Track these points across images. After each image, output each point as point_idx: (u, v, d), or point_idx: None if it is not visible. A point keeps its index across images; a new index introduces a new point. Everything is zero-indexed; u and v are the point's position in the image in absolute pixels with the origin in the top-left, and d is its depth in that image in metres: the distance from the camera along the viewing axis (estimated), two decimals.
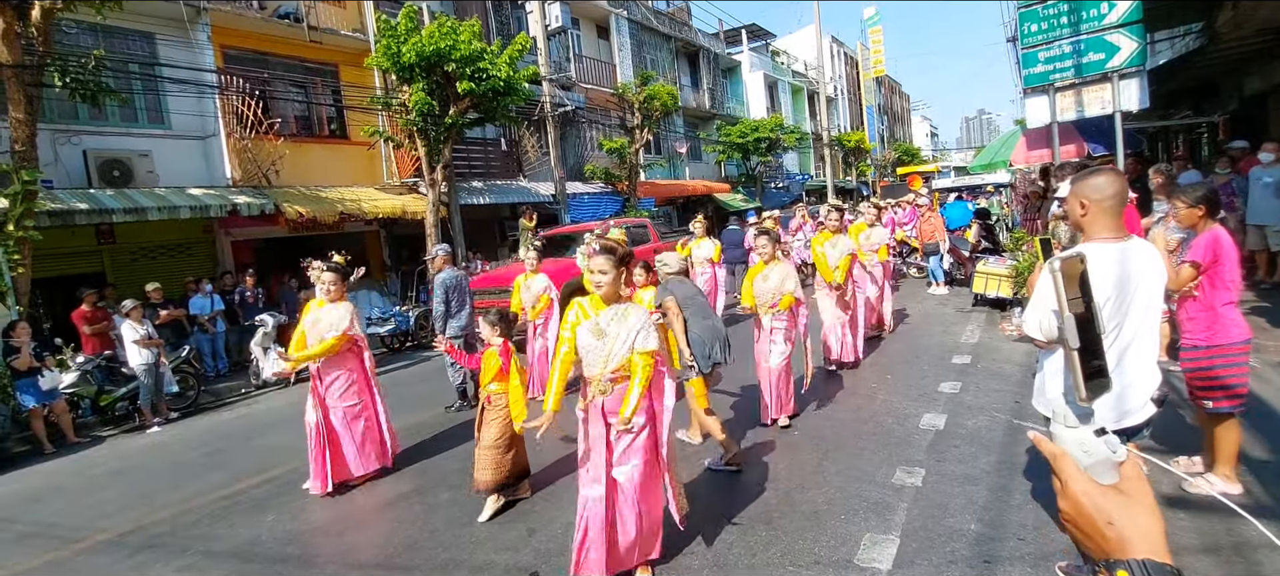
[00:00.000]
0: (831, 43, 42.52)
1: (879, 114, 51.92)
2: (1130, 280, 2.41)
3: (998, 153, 15.53)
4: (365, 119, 13.58)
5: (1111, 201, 2.42)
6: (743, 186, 28.20)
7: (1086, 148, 10.19)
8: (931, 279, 11.58)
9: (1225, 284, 3.41)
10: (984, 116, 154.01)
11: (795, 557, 3.41)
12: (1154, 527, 0.74)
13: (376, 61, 11.99)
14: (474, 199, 15.72)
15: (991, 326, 8.18)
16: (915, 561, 3.26)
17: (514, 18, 19.14)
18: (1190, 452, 3.81)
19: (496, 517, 4.23)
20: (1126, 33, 7.95)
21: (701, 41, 28.97)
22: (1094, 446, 0.79)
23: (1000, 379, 6.07)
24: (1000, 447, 4.50)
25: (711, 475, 4.52)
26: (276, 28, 12.92)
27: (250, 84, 12.18)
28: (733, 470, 4.48)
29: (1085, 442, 0.79)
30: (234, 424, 7.80)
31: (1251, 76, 12.75)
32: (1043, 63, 8.60)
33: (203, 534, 4.54)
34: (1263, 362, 5.50)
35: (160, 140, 11.47)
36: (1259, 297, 7.47)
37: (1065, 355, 0.85)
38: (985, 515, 3.61)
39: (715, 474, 4.52)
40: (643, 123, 19.68)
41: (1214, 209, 3.54)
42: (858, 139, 39.62)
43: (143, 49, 11.43)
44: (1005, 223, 14.86)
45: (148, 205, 9.92)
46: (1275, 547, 2.95)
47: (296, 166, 12.91)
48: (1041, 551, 3.21)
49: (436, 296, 6.77)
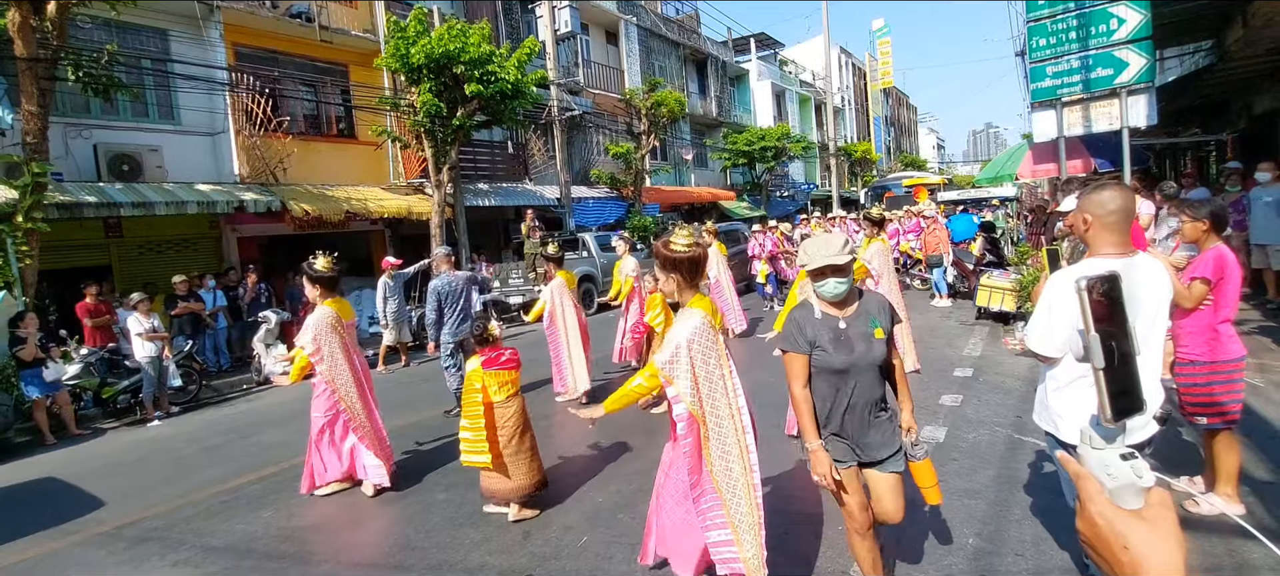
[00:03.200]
0: (840, 53, 42.57)
1: (886, 125, 51.92)
2: (1133, 297, 2.39)
3: (1004, 166, 15.50)
4: (373, 119, 13.67)
5: (1116, 217, 2.38)
6: (748, 194, 28.21)
7: (1093, 163, 10.16)
8: (935, 291, 11.55)
9: (1227, 302, 3.38)
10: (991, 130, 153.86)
11: (794, 567, 3.39)
12: (1172, 556, 0.73)
13: (385, 62, 12.06)
14: (479, 200, 15.77)
15: (994, 340, 8.14)
16: (912, 575, 3.24)
17: (524, 22, 19.25)
18: (1191, 472, 3.77)
19: (491, 520, 4.23)
20: (1136, 49, 7.93)
21: (710, 49, 29.05)
22: (1119, 470, 0.78)
23: (1002, 393, 6.03)
24: (1000, 462, 4.48)
25: None
26: (288, 27, 13.03)
27: (261, 82, 12.27)
28: None
29: (1110, 465, 0.79)
30: (235, 419, 7.82)
31: (1261, 96, 12.71)
32: (1051, 77, 8.58)
33: (199, 529, 4.55)
34: (1268, 382, 5.46)
35: (170, 136, 11.55)
36: (1265, 316, 7.42)
37: (1093, 375, 0.83)
38: (984, 529, 3.59)
39: None
40: (649, 129, 19.73)
41: (1220, 226, 3.52)
42: (864, 149, 39.63)
43: (155, 45, 11.54)
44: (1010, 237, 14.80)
45: (156, 200, 9.98)
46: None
47: (304, 165, 12.98)
48: (1040, 567, 3.19)
49: (429, 303, 6.70)
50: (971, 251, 11.85)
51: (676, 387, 2.72)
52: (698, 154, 26.77)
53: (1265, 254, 7.45)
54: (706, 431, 2.75)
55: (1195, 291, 3.37)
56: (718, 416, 2.76)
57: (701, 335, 2.73)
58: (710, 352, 2.75)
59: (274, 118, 12.18)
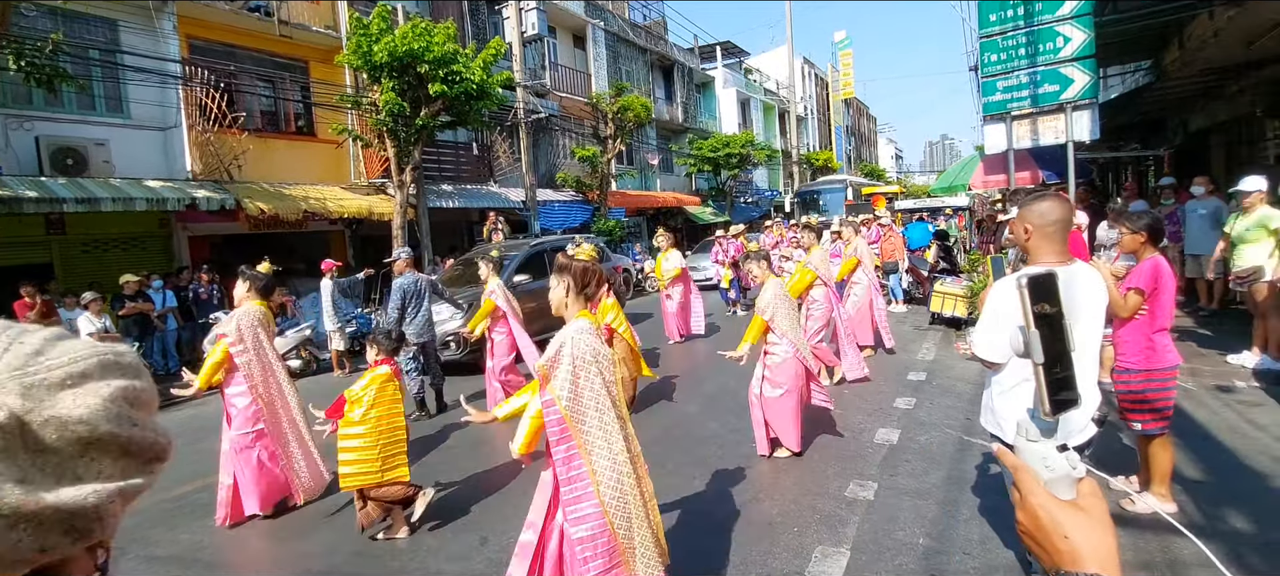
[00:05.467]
0: (803, 64, 43.33)
1: (847, 135, 53.00)
2: (1072, 303, 2.51)
3: (957, 176, 16.00)
4: (334, 117, 13.36)
5: (1054, 227, 2.50)
6: (713, 200, 28.47)
7: (1041, 175, 10.56)
8: (891, 297, 11.84)
9: (1162, 311, 3.56)
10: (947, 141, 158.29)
11: (748, 569, 3.44)
12: (1106, 543, 0.76)
13: (347, 59, 11.82)
14: (443, 202, 15.56)
15: (947, 344, 8.40)
16: (864, 574, 3.33)
17: (490, 23, 19.09)
18: (1127, 472, 3.96)
19: (448, 525, 4.18)
20: (1080, 66, 8.28)
21: (677, 56, 29.25)
22: (1056, 462, 0.81)
23: (953, 396, 6.22)
24: (950, 463, 4.62)
25: (662, 487, 4.54)
26: (246, 21, 12.67)
27: (216, 76, 11.90)
28: None
29: (1048, 458, 0.82)
30: (183, 424, 7.54)
31: (1196, 114, 13.39)
32: (1001, 91, 8.89)
33: (143, 537, 4.38)
34: (1199, 386, 5.75)
35: (118, 130, 11.11)
36: (1197, 323, 7.82)
37: (1033, 370, 0.88)
38: (933, 529, 3.70)
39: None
40: (616, 133, 19.75)
41: (1156, 238, 3.71)
42: (826, 158, 40.40)
43: (104, 35, 11.09)
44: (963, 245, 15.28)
45: (101, 196, 9.59)
46: (1209, 564, 3.08)
47: (260, 162, 12.63)
48: (986, 565, 3.30)
49: (392, 302, 6.62)
50: (926, 258, 12.20)
51: (552, 389, 2.55)
52: (663, 159, 26.90)
53: (1199, 264, 7.86)
54: (581, 442, 2.56)
55: (1130, 302, 3.54)
56: (598, 425, 2.58)
57: (583, 341, 2.59)
58: (590, 365, 2.57)
59: (229, 113, 11.81)
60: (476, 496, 4.61)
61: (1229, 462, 4.24)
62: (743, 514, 4.07)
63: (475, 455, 5.49)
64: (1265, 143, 11.12)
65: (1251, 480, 3.97)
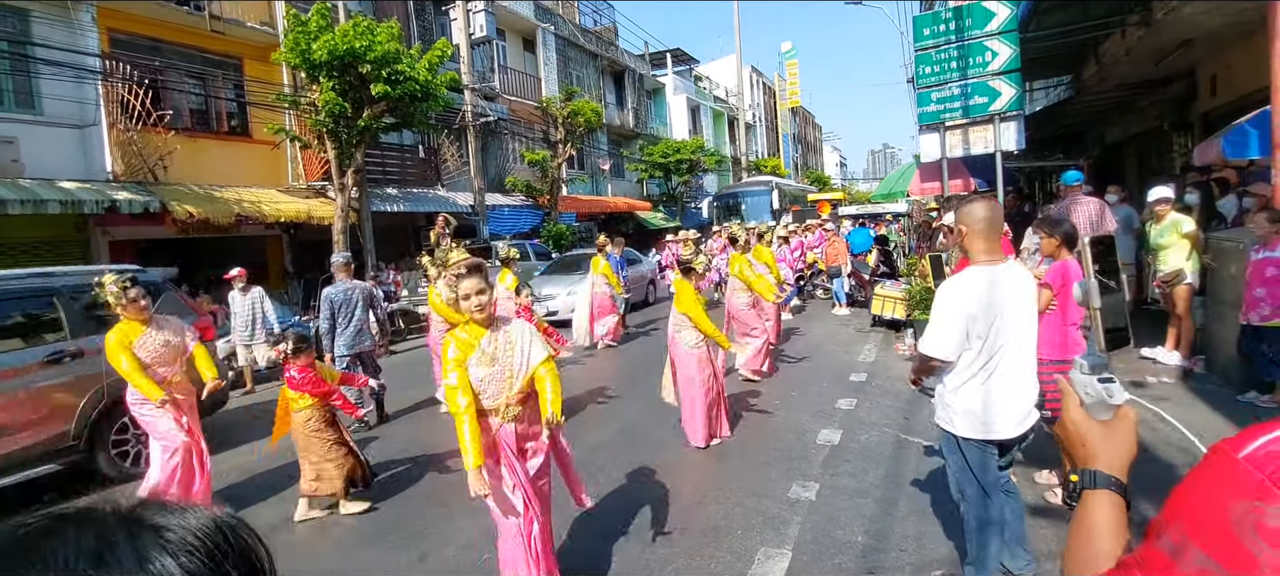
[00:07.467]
0: (751, 72, 44.14)
1: (794, 142, 54.27)
2: (998, 299, 2.65)
3: (896, 183, 16.58)
4: (270, 116, 12.85)
5: (983, 226, 2.69)
6: (663, 205, 28.68)
7: (973, 183, 11.04)
8: (835, 300, 12.16)
9: (1072, 306, 3.80)
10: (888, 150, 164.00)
11: (692, 572, 3.47)
12: (1121, 455, 0.95)
13: (284, 57, 11.39)
14: (388, 206, 15.17)
15: (887, 346, 8.67)
16: (805, 574, 3.39)
17: (437, 24, 18.74)
18: (1052, 466, 4.16)
19: (387, 540, 4.07)
20: (1007, 79, 8.72)
21: (627, 62, 29.38)
22: (1094, 389, 0.98)
23: (892, 396, 6.42)
24: (889, 461, 4.76)
25: (609, 494, 4.53)
26: (173, 14, 12.05)
27: (139, 72, 11.28)
28: None
29: (1088, 386, 0.99)
30: None
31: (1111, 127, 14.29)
32: (935, 103, 9.28)
33: None
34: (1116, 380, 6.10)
35: (29, 127, 10.39)
36: None
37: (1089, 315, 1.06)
38: (872, 527, 3.81)
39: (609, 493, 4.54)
40: (566, 138, 19.69)
41: (1070, 243, 3.95)
42: (774, 165, 41.22)
43: (14, 26, 10.37)
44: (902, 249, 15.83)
45: (9, 198, 8.96)
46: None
47: (189, 163, 12.03)
48: (921, 560, 3.42)
49: (321, 312, 6.43)
50: (868, 263, 12.59)
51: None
52: (614, 164, 26.93)
53: None
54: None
55: (1043, 297, 3.78)
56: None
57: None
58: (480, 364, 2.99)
59: (155, 111, 11.22)
60: (417, 511, 4.50)
61: (1141, 453, 4.50)
62: (689, 515, 4.09)
63: (415, 469, 5.35)
64: (1172, 154, 11.95)
65: (1161, 468, 4.22)
